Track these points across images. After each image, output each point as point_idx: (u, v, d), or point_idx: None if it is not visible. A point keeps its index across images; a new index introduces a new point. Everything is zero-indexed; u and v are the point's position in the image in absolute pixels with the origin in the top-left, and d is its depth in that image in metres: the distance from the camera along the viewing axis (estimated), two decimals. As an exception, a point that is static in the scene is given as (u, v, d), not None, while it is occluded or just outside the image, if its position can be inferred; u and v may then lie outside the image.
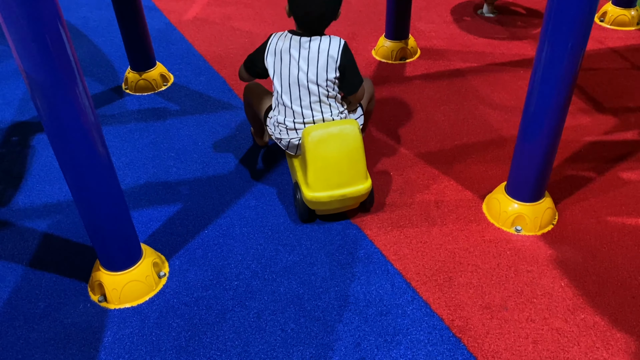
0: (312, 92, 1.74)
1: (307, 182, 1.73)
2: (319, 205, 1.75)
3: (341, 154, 1.70)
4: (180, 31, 3.18)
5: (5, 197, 2.00)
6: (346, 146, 1.71)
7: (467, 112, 2.38)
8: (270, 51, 1.76)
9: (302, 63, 1.72)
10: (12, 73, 2.82)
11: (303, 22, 1.73)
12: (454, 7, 3.36)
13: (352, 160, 1.72)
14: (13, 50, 1.18)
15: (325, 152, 1.69)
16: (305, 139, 1.70)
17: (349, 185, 1.73)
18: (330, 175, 1.71)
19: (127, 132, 2.33)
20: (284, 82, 1.75)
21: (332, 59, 1.72)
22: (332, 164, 1.71)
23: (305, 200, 1.75)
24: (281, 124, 1.81)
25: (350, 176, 1.73)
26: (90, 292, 1.62)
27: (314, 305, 1.57)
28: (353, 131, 1.71)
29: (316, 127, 1.72)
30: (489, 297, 1.57)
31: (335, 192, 1.72)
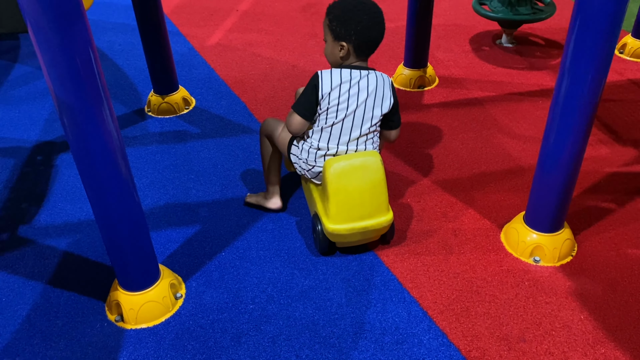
0: (364, 125, 1.71)
1: (328, 214, 1.70)
2: (339, 238, 1.73)
3: (363, 186, 1.68)
4: (202, 56, 3.24)
5: (28, 215, 2.04)
6: (368, 178, 1.68)
7: (485, 141, 2.38)
8: (324, 84, 1.66)
9: (361, 95, 1.67)
10: (38, 94, 2.89)
11: (363, 50, 1.67)
12: (472, 37, 3.39)
13: (374, 193, 1.70)
14: (44, 71, 1.22)
15: (347, 184, 1.67)
16: (327, 170, 1.68)
17: (371, 218, 1.71)
18: (351, 208, 1.69)
19: (149, 153, 2.37)
20: (340, 113, 1.68)
21: (386, 95, 1.71)
22: (354, 196, 1.68)
23: (326, 232, 1.72)
24: (321, 150, 1.73)
25: (372, 208, 1.70)
26: (108, 312, 1.64)
27: (329, 331, 1.56)
28: (375, 163, 1.69)
29: (338, 158, 1.69)
30: (506, 328, 1.55)
31: (356, 225, 1.70)
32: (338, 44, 1.66)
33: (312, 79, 1.68)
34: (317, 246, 1.81)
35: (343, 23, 1.63)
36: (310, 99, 1.68)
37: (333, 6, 1.67)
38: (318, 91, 1.66)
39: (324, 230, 1.73)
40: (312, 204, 1.86)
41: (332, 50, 1.70)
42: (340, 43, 1.66)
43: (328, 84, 1.66)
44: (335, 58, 1.70)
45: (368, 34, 1.64)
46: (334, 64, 1.73)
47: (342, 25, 1.63)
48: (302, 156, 1.78)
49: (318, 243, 1.79)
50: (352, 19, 1.61)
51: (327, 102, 1.67)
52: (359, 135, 1.71)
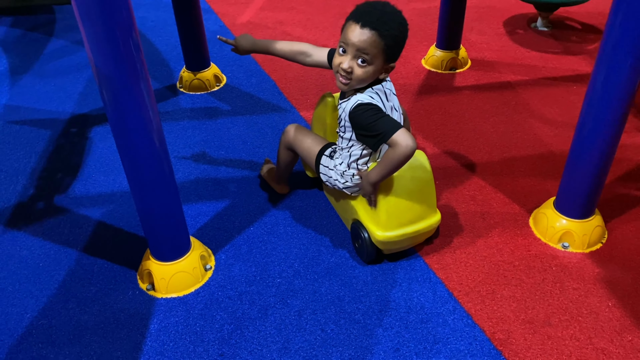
0: None
1: (378, 221, 1.61)
2: (389, 245, 1.64)
3: (413, 188, 1.60)
4: (233, 34, 3.26)
5: (63, 185, 2.10)
6: (417, 179, 1.60)
7: (516, 125, 2.35)
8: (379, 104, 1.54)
9: (396, 107, 1.63)
10: (73, 67, 2.95)
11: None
12: (507, 20, 3.33)
13: (423, 194, 1.63)
14: (85, 43, 1.25)
15: (396, 188, 1.58)
16: None
17: (421, 221, 1.64)
18: (402, 212, 1.61)
19: (180, 129, 2.40)
20: None
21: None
22: (404, 200, 1.60)
23: (376, 241, 1.63)
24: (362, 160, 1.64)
25: (422, 210, 1.63)
26: (139, 280, 1.68)
27: (354, 307, 1.59)
28: (423, 163, 1.61)
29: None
30: (532, 312, 1.55)
31: (408, 229, 1.62)
32: (387, 67, 1.52)
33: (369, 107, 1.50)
34: (362, 256, 1.71)
35: (401, 44, 1.49)
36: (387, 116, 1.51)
37: (392, 27, 1.45)
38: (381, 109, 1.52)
39: (372, 239, 1.64)
40: (349, 212, 1.76)
41: (373, 74, 1.50)
42: (390, 65, 1.52)
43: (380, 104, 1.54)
44: (369, 80, 1.52)
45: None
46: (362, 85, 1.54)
47: (400, 47, 1.49)
48: (338, 170, 1.69)
49: (364, 252, 1.69)
50: (406, 37, 1.52)
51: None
52: None
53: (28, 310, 1.61)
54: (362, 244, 1.68)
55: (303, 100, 2.58)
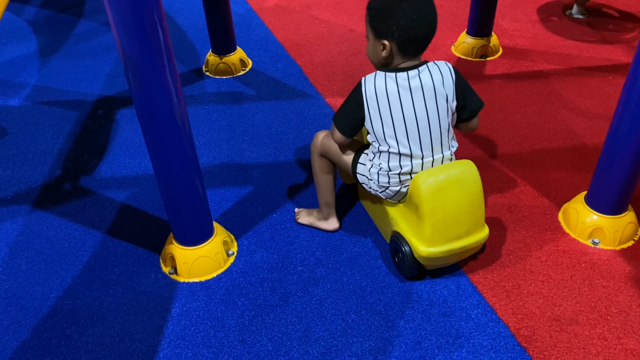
0: (433, 130, 1.47)
1: (423, 236, 1.49)
2: (433, 261, 1.53)
3: (462, 202, 1.48)
4: (260, 17, 3.23)
5: (90, 166, 2.12)
6: (467, 192, 1.48)
7: (548, 116, 2.29)
8: (369, 98, 1.46)
9: (417, 100, 1.44)
10: (101, 49, 2.97)
11: (409, 49, 1.43)
12: (541, 6, 3.23)
13: (472, 208, 1.50)
14: (112, 26, 1.24)
15: (444, 201, 1.46)
16: (419, 187, 1.45)
17: (469, 236, 1.52)
18: (449, 227, 1.48)
19: (205, 113, 2.40)
20: (398, 126, 1.46)
21: (446, 88, 1.46)
22: (452, 214, 1.47)
23: (418, 257, 1.52)
24: (393, 170, 1.51)
25: (470, 225, 1.51)
26: (162, 264, 1.69)
27: (376, 298, 1.57)
28: (473, 174, 1.49)
29: (430, 173, 1.46)
30: (559, 309, 1.51)
31: (454, 245, 1.50)
32: (380, 43, 1.43)
33: (356, 88, 1.48)
34: (402, 271, 1.60)
35: (384, 18, 1.39)
36: (353, 114, 1.50)
37: (372, 0, 1.45)
38: (362, 105, 1.47)
39: (414, 254, 1.53)
40: (388, 223, 1.64)
41: (374, 50, 1.47)
42: (382, 42, 1.42)
43: (372, 95, 1.45)
44: (378, 58, 1.47)
45: (414, 30, 1.39)
46: (377, 64, 1.50)
47: (383, 21, 1.40)
48: (372, 177, 1.56)
49: (405, 268, 1.57)
50: (394, 12, 1.38)
51: (377, 116, 1.46)
52: (431, 144, 1.49)
53: (53, 290, 1.63)
54: (403, 259, 1.56)
55: (329, 86, 2.55)
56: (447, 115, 1.49)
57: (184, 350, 1.45)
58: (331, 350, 1.44)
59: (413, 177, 1.49)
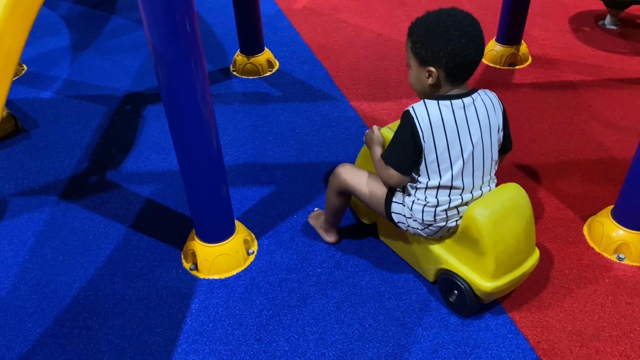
0: (486, 163, 1.40)
1: (484, 270, 1.40)
2: (496, 295, 1.47)
3: (519, 229, 1.41)
4: (288, 19, 3.25)
5: (116, 161, 2.15)
6: (522, 217, 1.41)
7: (576, 127, 2.25)
8: (424, 128, 1.33)
9: (473, 130, 1.36)
10: (132, 46, 3.01)
11: (457, 74, 1.33)
12: (573, 16, 3.18)
13: (528, 232, 1.44)
14: (145, 24, 1.26)
15: (504, 231, 1.38)
16: (477, 221, 1.36)
17: (526, 261, 1.46)
18: (510, 257, 1.41)
19: (231, 112, 2.42)
20: (455, 157, 1.36)
21: (497, 117, 1.40)
22: (512, 243, 1.40)
23: (481, 293, 1.43)
24: (442, 205, 1.41)
25: (527, 250, 1.46)
26: (183, 260, 1.71)
27: (394, 304, 1.56)
28: (524, 197, 1.43)
29: (484, 203, 1.38)
30: (580, 324, 1.49)
31: (515, 274, 1.43)
32: (425, 70, 1.34)
33: (405, 121, 1.35)
34: (462, 310, 1.51)
35: (429, 44, 1.31)
36: (409, 148, 1.36)
37: (415, 24, 1.36)
38: (418, 138, 1.34)
39: (476, 291, 1.44)
40: (432, 261, 1.54)
41: (418, 78, 1.38)
42: (428, 69, 1.34)
43: (427, 126, 1.33)
44: (424, 87, 1.38)
45: (462, 55, 1.30)
46: (422, 94, 1.41)
47: (428, 47, 1.31)
48: (415, 215, 1.45)
49: (466, 307, 1.48)
50: (441, 37, 1.29)
51: (432, 149, 1.35)
52: (482, 175, 1.41)
53: (76, 280, 1.67)
54: (463, 297, 1.47)
55: (354, 89, 2.55)
56: (497, 145, 1.42)
57: (202, 346, 1.46)
58: (348, 354, 1.43)
59: (466, 210, 1.40)
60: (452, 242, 1.48)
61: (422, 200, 1.42)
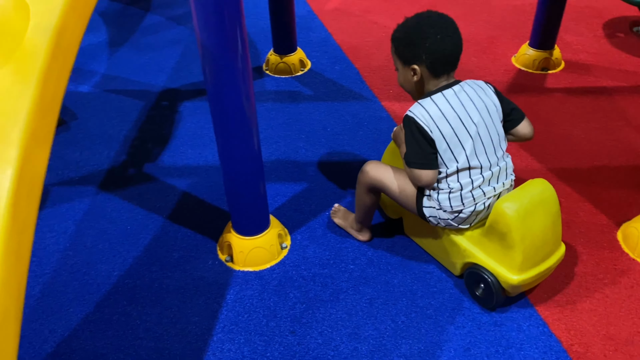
0: (493, 138, 1.47)
1: (512, 264, 1.44)
2: (522, 288, 1.50)
3: (546, 223, 1.45)
4: (320, 20, 3.28)
5: (153, 154, 2.20)
6: (549, 212, 1.46)
7: (610, 133, 2.24)
8: (429, 125, 1.42)
9: (471, 111, 1.44)
10: (167, 42, 3.08)
11: (439, 68, 1.44)
12: (607, 22, 3.16)
13: (555, 226, 1.48)
14: (194, 20, 1.30)
15: (532, 225, 1.42)
16: (505, 215, 1.40)
17: (553, 255, 1.50)
18: (537, 251, 1.45)
19: (264, 110, 2.46)
20: (464, 139, 1.43)
21: (490, 97, 1.48)
22: (540, 236, 1.44)
23: (508, 286, 1.46)
24: (465, 188, 1.46)
25: (553, 244, 1.50)
26: (219, 251, 1.75)
27: (426, 302, 1.58)
28: (552, 193, 1.47)
29: (513, 198, 1.43)
30: (614, 329, 1.49)
31: (542, 267, 1.47)
32: (410, 69, 1.46)
33: (408, 123, 1.44)
34: (488, 303, 1.53)
35: (409, 44, 1.44)
36: (425, 145, 1.43)
37: (395, 30, 1.49)
38: (426, 132, 1.42)
39: (503, 284, 1.47)
40: (459, 255, 1.57)
41: (405, 78, 1.50)
42: (412, 67, 1.45)
43: (429, 120, 1.42)
44: (411, 85, 1.50)
45: (440, 50, 1.41)
46: (413, 92, 1.52)
47: (409, 48, 1.44)
48: (443, 204, 1.49)
49: (492, 300, 1.51)
50: (418, 36, 1.42)
51: (441, 138, 1.43)
52: (494, 151, 1.48)
53: (115, 268, 1.71)
54: (490, 291, 1.50)
55: (385, 90, 2.57)
56: (500, 121, 1.50)
57: (237, 336, 1.50)
58: (380, 349, 1.45)
59: (495, 203, 1.45)
60: (479, 235, 1.51)
61: (447, 189, 1.48)
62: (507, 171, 1.53)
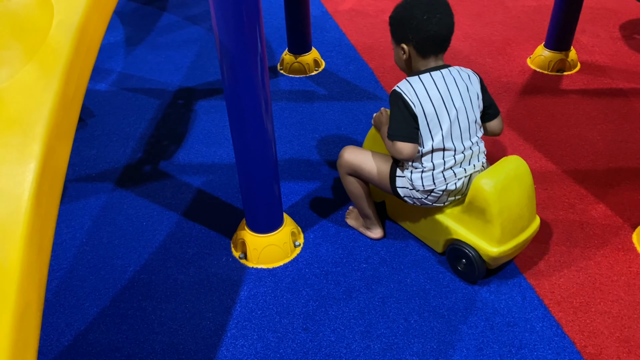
0: (470, 124, 1.54)
1: (492, 237, 1.52)
2: (501, 260, 1.57)
3: (522, 197, 1.53)
4: (335, 20, 3.29)
5: (169, 152, 2.23)
6: (524, 186, 1.54)
7: (626, 135, 2.22)
8: (413, 101, 1.48)
9: (455, 96, 1.51)
10: (183, 42, 3.11)
11: (428, 49, 1.49)
12: (623, 23, 3.13)
13: (530, 200, 1.56)
14: (213, 19, 1.32)
15: (508, 199, 1.50)
16: (483, 190, 1.48)
17: (529, 227, 1.59)
18: (514, 224, 1.53)
19: (278, 109, 2.48)
20: (443, 121, 1.50)
21: (474, 86, 1.55)
22: (516, 210, 1.52)
23: (488, 258, 1.54)
24: (437, 168, 1.53)
25: (529, 217, 1.58)
26: (233, 248, 1.77)
27: (439, 302, 1.58)
28: (526, 168, 1.56)
29: (489, 175, 1.50)
30: (629, 331, 1.48)
31: (519, 239, 1.55)
32: (400, 48, 1.53)
33: (394, 98, 1.50)
34: (470, 277, 1.61)
35: (398, 25, 1.51)
36: (409, 120, 1.49)
37: (392, 12, 1.56)
38: (410, 107, 1.48)
39: (484, 257, 1.55)
40: (441, 233, 1.65)
41: (397, 56, 1.57)
42: (402, 46, 1.52)
43: (414, 96, 1.48)
44: (402, 64, 1.57)
45: (426, 30, 1.45)
46: (405, 70, 1.59)
47: (398, 27, 1.51)
48: (415, 183, 1.56)
49: (474, 273, 1.58)
50: (406, 17, 1.47)
51: (422, 115, 1.48)
52: (469, 137, 1.54)
53: (131, 264, 1.74)
54: (472, 264, 1.57)
55: (400, 90, 2.57)
56: (479, 110, 1.56)
57: (250, 332, 1.51)
58: (392, 348, 1.46)
59: (473, 181, 1.53)
60: (459, 212, 1.59)
61: (420, 167, 1.55)
62: (479, 155, 1.59)
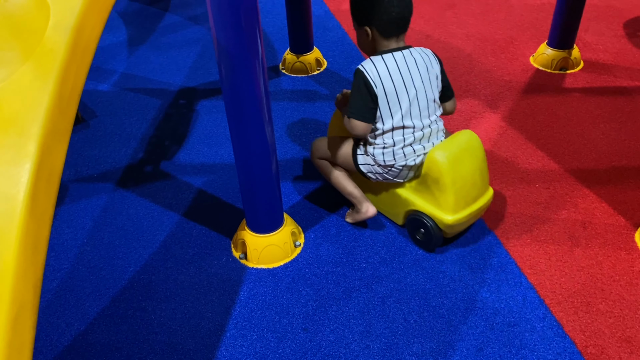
0: (430, 103, 1.62)
1: (446, 205, 1.62)
2: (457, 227, 1.67)
3: (474, 167, 1.64)
4: (337, 19, 3.28)
5: (170, 152, 2.23)
6: (476, 157, 1.65)
7: (630, 134, 2.21)
8: (375, 80, 1.55)
9: (415, 76, 1.59)
10: (185, 42, 3.11)
11: (390, 31, 1.56)
12: (628, 21, 3.11)
13: (482, 170, 1.67)
14: (210, 19, 1.32)
15: (461, 169, 1.61)
16: (437, 162, 1.58)
17: (482, 196, 1.69)
18: (467, 193, 1.64)
19: (280, 109, 2.47)
20: (403, 100, 1.58)
21: (434, 67, 1.63)
22: (468, 180, 1.63)
23: (444, 226, 1.64)
24: (397, 145, 1.63)
25: (482, 186, 1.68)
26: (233, 249, 1.77)
27: (439, 302, 1.57)
28: (477, 141, 1.66)
29: (443, 147, 1.61)
30: (630, 331, 1.47)
31: (473, 207, 1.66)
32: (363, 30, 1.59)
33: (357, 77, 1.58)
34: (428, 245, 1.71)
35: (361, 8, 1.57)
36: (367, 100, 1.57)
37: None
38: (371, 86, 1.55)
39: (440, 225, 1.65)
40: (400, 205, 1.75)
41: (360, 38, 1.63)
42: (365, 28, 1.58)
43: (376, 76, 1.55)
44: (365, 45, 1.63)
45: (387, 12, 1.52)
46: (368, 51, 1.64)
47: (360, 10, 1.57)
48: (377, 158, 1.66)
49: (431, 241, 1.69)
50: (368, 0, 1.54)
51: (383, 94, 1.56)
52: (428, 115, 1.63)
53: (131, 264, 1.74)
54: (429, 233, 1.68)
55: (402, 90, 2.56)
56: (438, 90, 1.65)
57: (250, 332, 1.51)
58: (392, 348, 1.46)
59: (427, 154, 1.62)
60: (417, 185, 1.70)
61: (381, 144, 1.64)
62: (438, 134, 1.68)
